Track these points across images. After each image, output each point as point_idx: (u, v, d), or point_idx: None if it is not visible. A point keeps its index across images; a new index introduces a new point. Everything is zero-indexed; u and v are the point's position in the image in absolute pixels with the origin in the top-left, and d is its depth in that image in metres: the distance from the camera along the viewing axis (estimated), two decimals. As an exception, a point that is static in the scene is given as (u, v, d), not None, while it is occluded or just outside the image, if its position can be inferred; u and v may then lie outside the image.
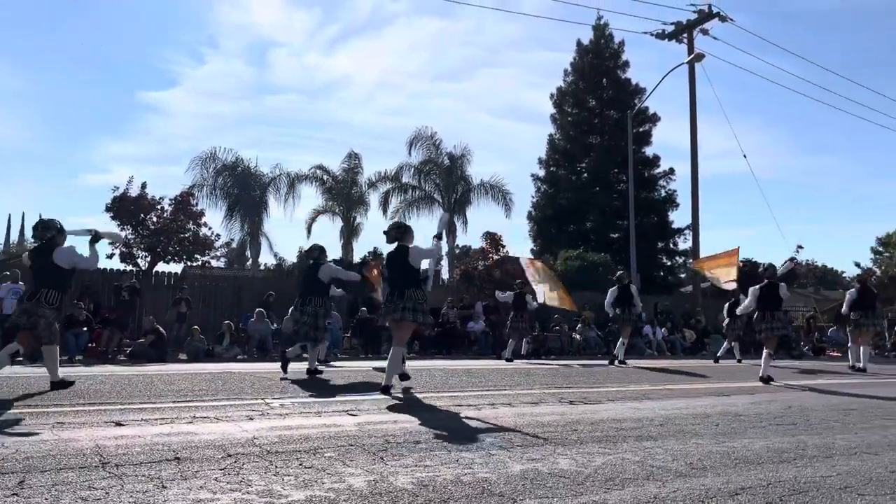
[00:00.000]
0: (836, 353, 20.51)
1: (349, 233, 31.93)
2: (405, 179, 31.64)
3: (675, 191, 32.02)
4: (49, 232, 7.00)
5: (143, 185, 19.21)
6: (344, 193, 31.70)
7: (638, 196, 26.30)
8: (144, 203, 18.95)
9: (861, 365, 12.68)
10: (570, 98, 32.78)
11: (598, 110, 32.54)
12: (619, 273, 14.49)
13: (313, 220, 31.89)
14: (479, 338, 18.08)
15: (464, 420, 5.41)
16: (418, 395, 7.00)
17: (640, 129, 30.96)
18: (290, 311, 10.36)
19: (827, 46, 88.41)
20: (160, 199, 19.33)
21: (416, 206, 31.38)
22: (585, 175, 32.28)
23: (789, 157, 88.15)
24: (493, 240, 22.80)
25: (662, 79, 23.51)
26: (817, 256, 64.25)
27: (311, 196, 41.84)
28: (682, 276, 36.53)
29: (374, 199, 32.07)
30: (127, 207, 18.62)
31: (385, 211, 31.24)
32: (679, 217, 32.02)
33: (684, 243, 31.17)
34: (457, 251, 31.90)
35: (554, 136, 33.18)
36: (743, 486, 3.44)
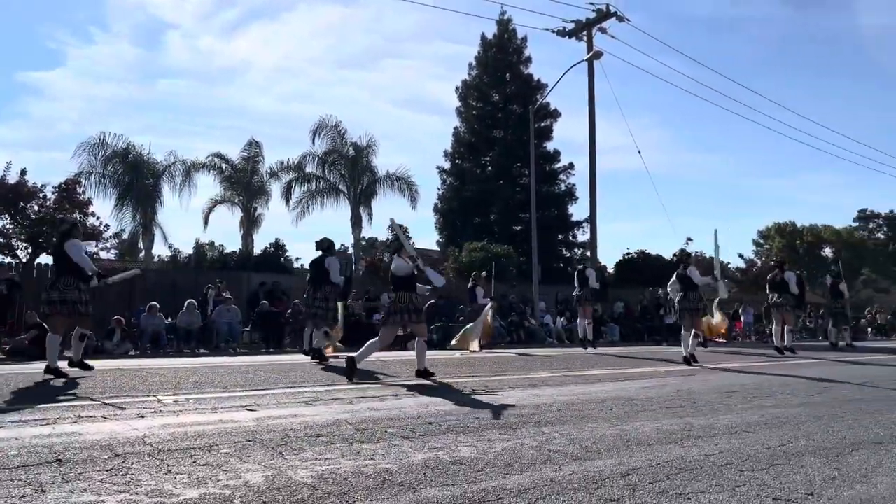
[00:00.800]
0: (720, 340, 21.80)
1: (249, 224, 31.03)
2: (309, 169, 31.04)
3: (574, 185, 33.12)
4: (65, 226, 8.61)
5: (23, 172, 17.96)
6: (244, 183, 30.76)
7: (539, 189, 26.99)
8: (24, 190, 17.73)
9: (786, 344, 13.58)
10: (475, 91, 33.21)
11: (502, 104, 33.11)
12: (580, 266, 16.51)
13: (211, 209, 30.81)
14: (384, 330, 18.02)
15: (367, 412, 5.37)
16: (321, 389, 6.90)
17: (542, 125, 31.76)
18: (303, 297, 11.56)
19: (714, 49, 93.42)
20: (42, 186, 18.12)
21: (321, 197, 30.88)
22: (490, 168, 32.83)
23: (680, 154, 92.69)
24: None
25: (563, 75, 24.15)
26: (705, 248, 67.99)
27: (208, 185, 40.34)
28: (580, 266, 37.75)
29: (275, 189, 31.33)
30: (4, 195, 17.34)
31: (287, 201, 30.58)
32: (578, 210, 33.15)
33: (583, 236, 32.34)
34: (363, 243, 31.66)
35: (459, 129, 33.54)
36: (634, 467, 3.59)
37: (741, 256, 50.50)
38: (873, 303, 38.66)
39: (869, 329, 29.59)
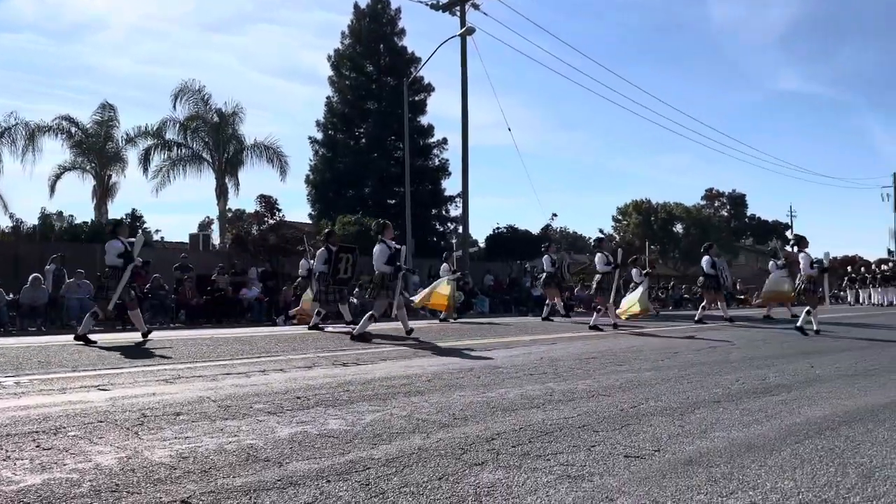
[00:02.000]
0: (582, 311, 23.00)
1: (103, 192, 28.90)
2: (169, 136, 29.25)
3: (447, 160, 33.43)
4: (108, 226, 10.77)
5: None
6: (96, 149, 28.54)
7: (413, 163, 27.04)
8: None
9: (697, 317, 14.84)
10: (348, 62, 32.57)
11: (376, 76, 32.72)
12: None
13: (58, 176, 28.34)
14: (253, 305, 17.48)
15: (232, 388, 5.20)
16: (182, 366, 6.59)
17: (416, 98, 31.73)
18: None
19: (580, 32, 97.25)
20: None
21: (183, 166, 29.25)
22: (363, 140, 32.44)
23: (548, 132, 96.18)
24: (269, 203, 22.12)
25: (436, 49, 24.18)
26: (569, 223, 71.22)
27: (55, 150, 37.21)
28: (454, 241, 38.37)
29: (132, 156, 29.30)
30: None
31: (146, 169, 28.70)
32: (451, 185, 33.55)
33: (455, 210, 32.78)
34: (229, 214, 30.39)
35: (332, 100, 32.82)
36: (499, 432, 3.71)
37: (601, 231, 53.34)
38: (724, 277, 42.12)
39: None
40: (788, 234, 58.49)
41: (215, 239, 32.23)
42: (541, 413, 4.27)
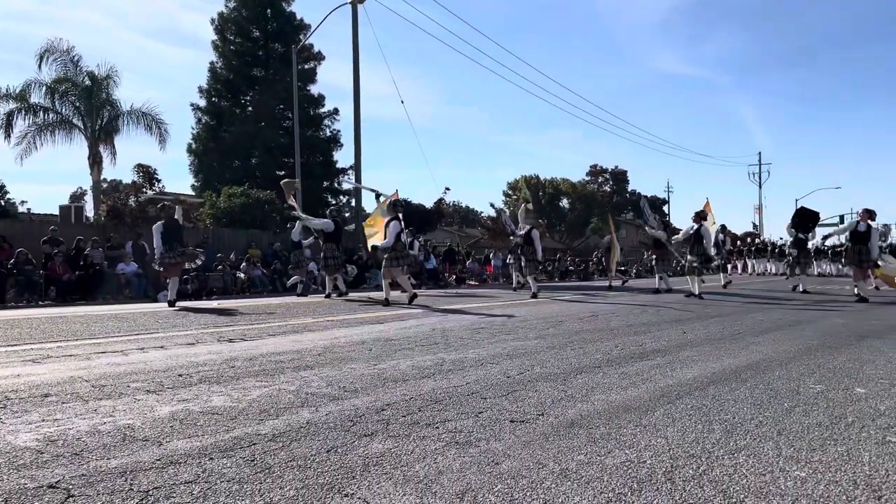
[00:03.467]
0: (474, 283, 23.44)
1: (-42, 160, 26.31)
2: (35, 99, 26.92)
3: (339, 131, 32.90)
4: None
5: None
6: (-53, 111, 25.90)
7: (304, 134, 26.41)
8: None
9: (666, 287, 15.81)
10: (233, 26, 31.18)
11: (263, 42, 31.55)
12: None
13: None
14: (132, 281, 16.58)
15: (107, 367, 4.91)
16: (51, 345, 6.16)
17: (306, 67, 30.92)
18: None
19: (471, 5, 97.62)
20: None
21: (51, 131, 27.06)
22: (250, 109, 31.31)
23: (441, 106, 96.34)
24: (147, 173, 20.98)
25: (326, 16, 23.72)
26: (461, 198, 72.19)
27: None
28: (347, 214, 37.95)
29: (-8, 120, 26.77)
30: None
31: (8, 135, 26.34)
32: (343, 157, 33.06)
33: (348, 183, 32.34)
34: (104, 185, 28.53)
35: (216, 65, 31.38)
36: (389, 402, 3.72)
37: (492, 206, 54.45)
38: (600, 248, 44.04)
39: (596, 272, 33.66)
40: (665, 208, 61.94)
41: (89, 211, 30.17)
42: (431, 382, 4.32)
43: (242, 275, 18.75)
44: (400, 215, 12.38)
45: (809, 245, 19.70)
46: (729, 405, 3.71)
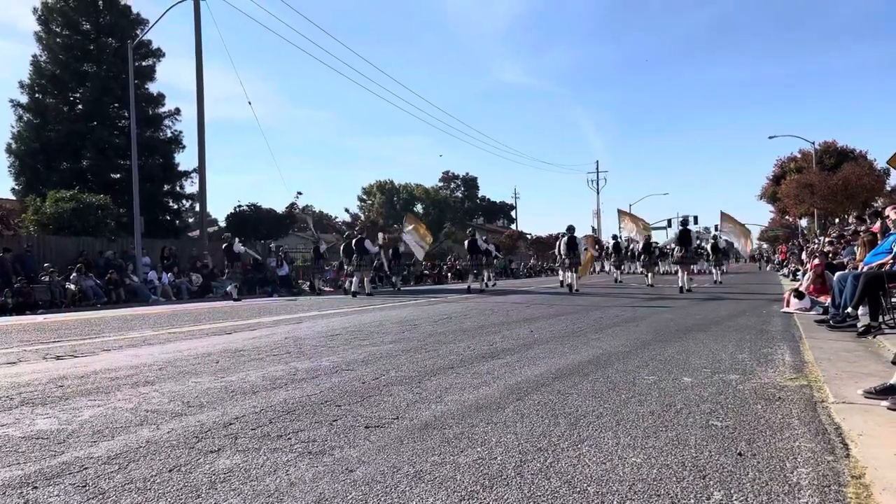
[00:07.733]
0: (328, 289, 23.12)
1: None
2: None
3: (181, 132, 31.08)
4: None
5: None
6: None
7: (141, 135, 24.78)
8: None
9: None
10: (59, 17, 28.56)
11: (94, 35, 29.17)
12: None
13: None
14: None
15: None
16: None
17: (143, 64, 29.00)
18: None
19: (321, 7, 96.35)
20: None
21: None
22: (80, 107, 28.81)
23: (291, 109, 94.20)
24: (-44, 175, 18.69)
25: (166, 11, 22.42)
26: (314, 202, 71.03)
27: None
28: (190, 220, 36.12)
29: None
30: None
31: None
32: (186, 159, 31.42)
33: (191, 186, 30.72)
34: None
35: (39, 59, 28.55)
36: (238, 416, 3.56)
37: (347, 211, 54.00)
38: (453, 252, 44.96)
39: (449, 274, 34.38)
40: (513, 213, 64.46)
41: None
42: (283, 392, 4.19)
43: (73, 286, 17.21)
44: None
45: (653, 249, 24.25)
46: (573, 399, 3.91)
